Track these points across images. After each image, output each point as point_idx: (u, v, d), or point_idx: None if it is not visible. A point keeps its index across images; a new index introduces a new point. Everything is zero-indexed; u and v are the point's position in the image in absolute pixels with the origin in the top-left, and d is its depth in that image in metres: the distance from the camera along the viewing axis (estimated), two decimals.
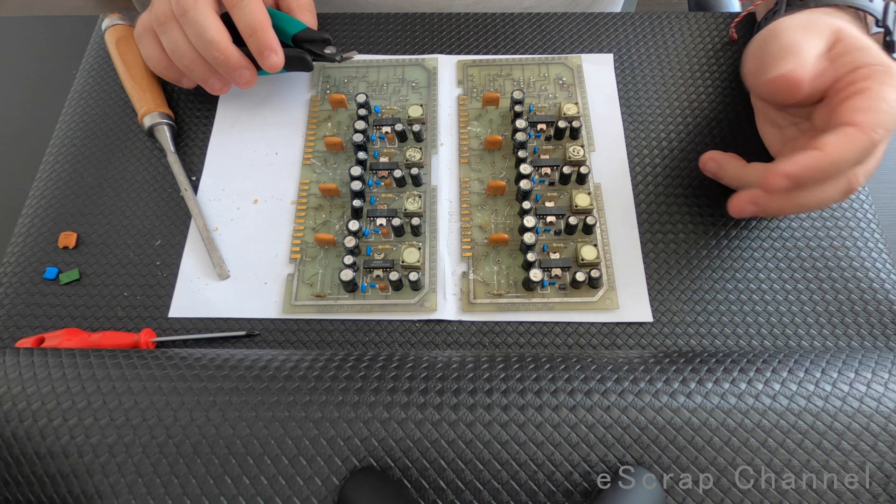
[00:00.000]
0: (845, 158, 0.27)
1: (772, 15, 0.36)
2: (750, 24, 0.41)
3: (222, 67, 0.35)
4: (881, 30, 0.33)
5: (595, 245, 0.33)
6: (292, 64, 0.36)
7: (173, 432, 0.24)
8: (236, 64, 0.35)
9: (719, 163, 0.33)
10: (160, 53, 0.36)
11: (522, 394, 0.25)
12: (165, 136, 0.37)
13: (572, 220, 0.33)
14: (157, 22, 0.34)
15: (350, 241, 0.32)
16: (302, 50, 0.37)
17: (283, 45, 0.35)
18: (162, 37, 0.35)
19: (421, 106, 0.38)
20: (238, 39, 0.35)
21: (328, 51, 0.37)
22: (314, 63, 0.38)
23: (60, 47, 0.43)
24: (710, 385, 0.25)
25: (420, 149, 0.36)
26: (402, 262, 0.33)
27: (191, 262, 0.34)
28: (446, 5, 0.47)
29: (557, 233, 0.34)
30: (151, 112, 0.37)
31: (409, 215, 0.34)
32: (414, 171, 0.35)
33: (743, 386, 0.25)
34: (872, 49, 0.29)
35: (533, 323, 0.32)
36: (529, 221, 0.33)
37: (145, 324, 0.32)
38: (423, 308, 0.32)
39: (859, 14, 0.33)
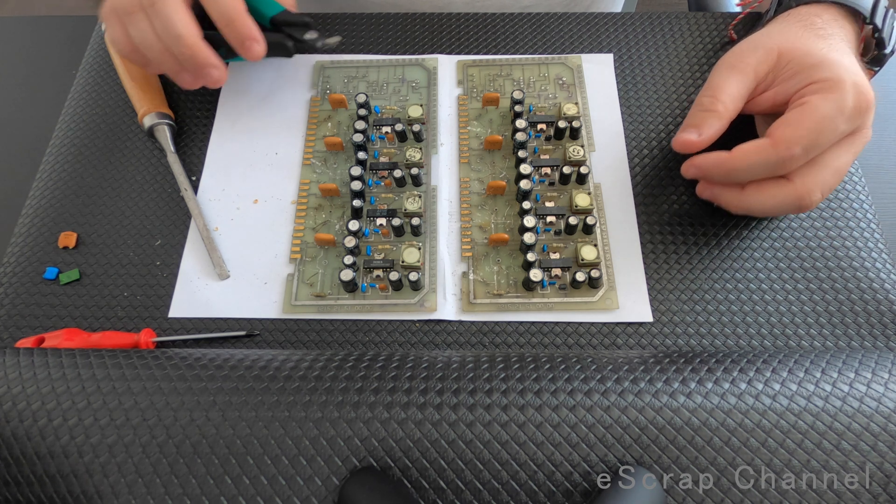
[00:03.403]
0: (746, 167, 0.29)
1: (765, 15, 0.37)
2: (749, 24, 0.41)
3: (189, 64, 0.33)
4: (871, 26, 0.33)
5: (595, 245, 0.33)
6: (272, 50, 0.35)
7: (173, 432, 0.24)
8: (204, 62, 0.33)
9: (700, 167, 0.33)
10: (126, 38, 0.33)
11: (522, 394, 0.25)
12: (165, 136, 0.37)
13: (572, 220, 0.33)
14: (123, 11, 0.33)
15: (350, 241, 0.32)
16: (282, 35, 0.35)
17: (261, 28, 0.34)
18: (129, 27, 0.33)
19: (421, 106, 0.38)
20: (211, 25, 0.33)
21: (309, 36, 0.36)
22: (295, 49, 0.36)
23: (60, 47, 0.43)
24: (710, 385, 0.25)
25: (420, 149, 0.36)
26: (402, 262, 0.33)
27: (191, 262, 0.34)
28: (445, 4, 0.47)
29: (557, 233, 0.34)
30: (151, 112, 0.37)
31: (409, 215, 0.34)
32: (414, 171, 0.35)
33: (743, 386, 0.25)
34: (824, 63, 0.29)
35: (533, 323, 0.32)
36: (529, 221, 0.33)
37: (145, 324, 0.32)
38: (423, 308, 0.32)
39: (849, 10, 0.33)
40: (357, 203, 0.34)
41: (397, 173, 0.35)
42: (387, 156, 0.37)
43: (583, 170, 0.35)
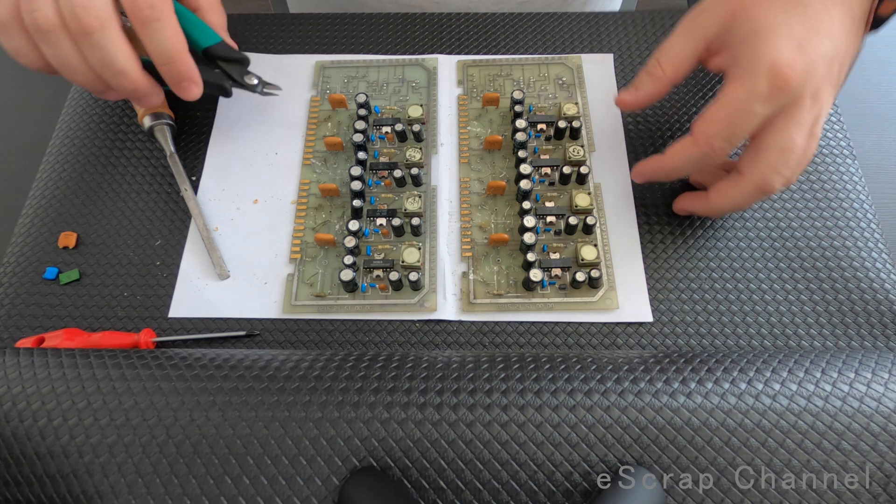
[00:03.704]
0: (680, 165, 0.30)
1: None
2: None
3: (128, 94, 0.31)
4: None
5: (595, 245, 0.33)
6: (208, 88, 0.33)
7: (173, 432, 0.24)
8: (146, 92, 0.31)
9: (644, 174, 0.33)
10: (36, 54, 0.30)
11: (522, 394, 0.25)
12: (165, 136, 0.37)
13: (572, 220, 0.33)
14: (38, 29, 0.28)
15: (350, 241, 0.32)
16: (220, 73, 0.33)
17: (196, 60, 0.31)
18: (44, 45, 0.29)
19: (421, 106, 0.38)
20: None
21: (252, 81, 0.34)
22: (232, 90, 0.34)
23: None
24: (710, 385, 0.25)
25: (420, 149, 0.36)
26: (402, 262, 0.33)
27: (191, 262, 0.34)
28: (444, 4, 0.47)
29: (557, 233, 0.34)
30: (151, 112, 0.37)
31: (409, 215, 0.34)
32: (414, 171, 0.35)
33: (743, 386, 0.25)
34: (752, 37, 0.28)
35: (533, 323, 0.32)
36: (529, 221, 0.33)
37: (145, 324, 0.32)
38: (423, 308, 0.32)
39: None
40: (357, 203, 0.34)
41: (397, 173, 0.35)
42: (387, 156, 0.37)
43: (583, 170, 0.35)
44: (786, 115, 0.28)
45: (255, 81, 0.35)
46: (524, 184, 0.34)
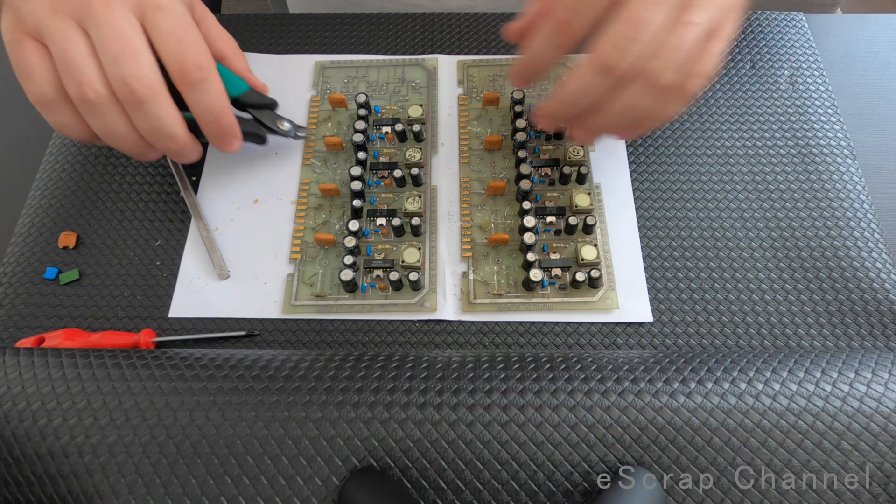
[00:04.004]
0: (537, 50, 0.28)
1: None
2: None
3: (172, 154, 0.31)
4: None
5: (595, 245, 0.33)
6: (245, 137, 0.33)
7: (173, 432, 0.24)
8: (190, 150, 0.31)
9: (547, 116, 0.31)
10: (82, 127, 0.30)
11: (522, 394, 0.25)
12: None
13: (572, 220, 0.33)
14: (86, 102, 0.28)
15: (350, 241, 0.32)
16: (256, 123, 0.35)
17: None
18: (91, 117, 0.29)
19: (421, 106, 0.38)
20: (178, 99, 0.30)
21: (284, 126, 0.35)
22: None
23: None
24: (710, 385, 0.25)
25: (420, 149, 0.36)
26: (402, 262, 0.33)
27: (191, 262, 0.34)
28: (444, 4, 0.47)
29: (557, 233, 0.34)
30: None
31: (409, 215, 0.34)
32: (414, 171, 0.35)
33: (743, 386, 0.25)
34: None
35: (533, 323, 0.32)
36: (529, 221, 0.33)
37: (145, 324, 0.32)
38: (423, 308, 0.32)
39: None
40: (357, 203, 0.34)
41: (397, 173, 0.35)
42: (387, 156, 0.37)
43: (583, 170, 0.35)
44: None
45: (287, 126, 0.36)
46: (524, 184, 0.34)
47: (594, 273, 0.31)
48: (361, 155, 0.35)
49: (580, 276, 0.32)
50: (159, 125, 0.29)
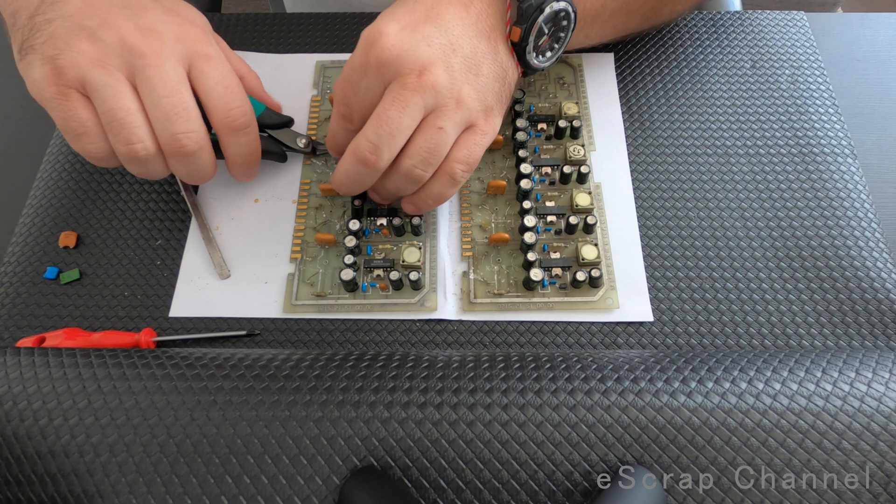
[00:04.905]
0: (340, 179, 0.30)
1: None
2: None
3: (191, 181, 0.32)
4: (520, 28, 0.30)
5: (595, 244, 0.33)
6: (265, 156, 0.34)
7: (174, 432, 0.24)
8: (210, 177, 0.32)
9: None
10: (110, 154, 0.29)
11: (523, 393, 0.25)
12: None
13: (573, 220, 0.33)
14: (135, 159, 0.28)
15: (350, 241, 0.32)
16: (276, 143, 0.35)
17: None
18: (132, 166, 0.29)
19: None
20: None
21: (301, 143, 0.35)
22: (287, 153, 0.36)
23: None
24: (710, 385, 0.25)
25: None
26: (403, 261, 0.33)
27: (191, 262, 0.34)
28: None
29: (558, 232, 0.34)
30: None
31: (410, 215, 0.34)
32: None
33: (743, 385, 0.25)
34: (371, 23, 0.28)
35: (533, 322, 0.32)
36: (530, 221, 0.33)
37: (146, 323, 0.32)
38: (423, 308, 0.32)
39: None
40: (357, 202, 0.34)
41: None
42: None
43: (583, 169, 0.35)
44: (394, 92, 0.27)
45: (305, 142, 0.36)
46: (524, 183, 0.34)
47: (594, 273, 0.31)
48: None
49: (581, 276, 0.32)
50: (198, 172, 0.30)
